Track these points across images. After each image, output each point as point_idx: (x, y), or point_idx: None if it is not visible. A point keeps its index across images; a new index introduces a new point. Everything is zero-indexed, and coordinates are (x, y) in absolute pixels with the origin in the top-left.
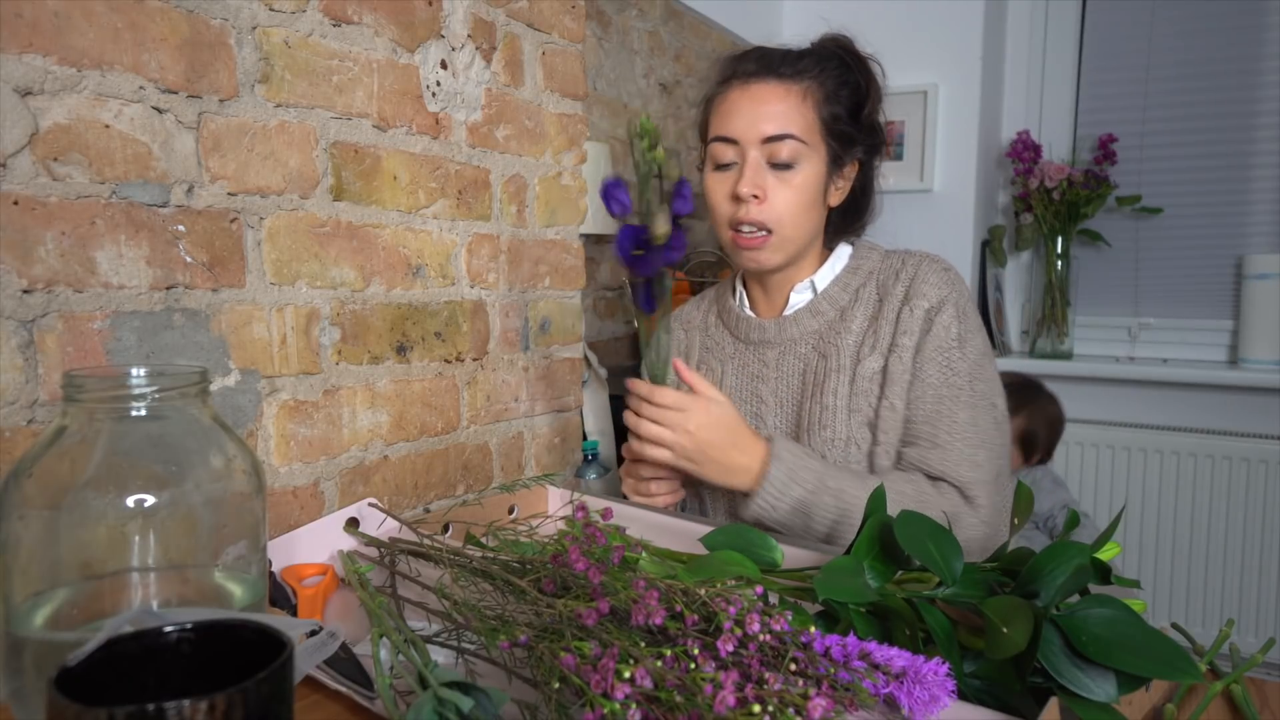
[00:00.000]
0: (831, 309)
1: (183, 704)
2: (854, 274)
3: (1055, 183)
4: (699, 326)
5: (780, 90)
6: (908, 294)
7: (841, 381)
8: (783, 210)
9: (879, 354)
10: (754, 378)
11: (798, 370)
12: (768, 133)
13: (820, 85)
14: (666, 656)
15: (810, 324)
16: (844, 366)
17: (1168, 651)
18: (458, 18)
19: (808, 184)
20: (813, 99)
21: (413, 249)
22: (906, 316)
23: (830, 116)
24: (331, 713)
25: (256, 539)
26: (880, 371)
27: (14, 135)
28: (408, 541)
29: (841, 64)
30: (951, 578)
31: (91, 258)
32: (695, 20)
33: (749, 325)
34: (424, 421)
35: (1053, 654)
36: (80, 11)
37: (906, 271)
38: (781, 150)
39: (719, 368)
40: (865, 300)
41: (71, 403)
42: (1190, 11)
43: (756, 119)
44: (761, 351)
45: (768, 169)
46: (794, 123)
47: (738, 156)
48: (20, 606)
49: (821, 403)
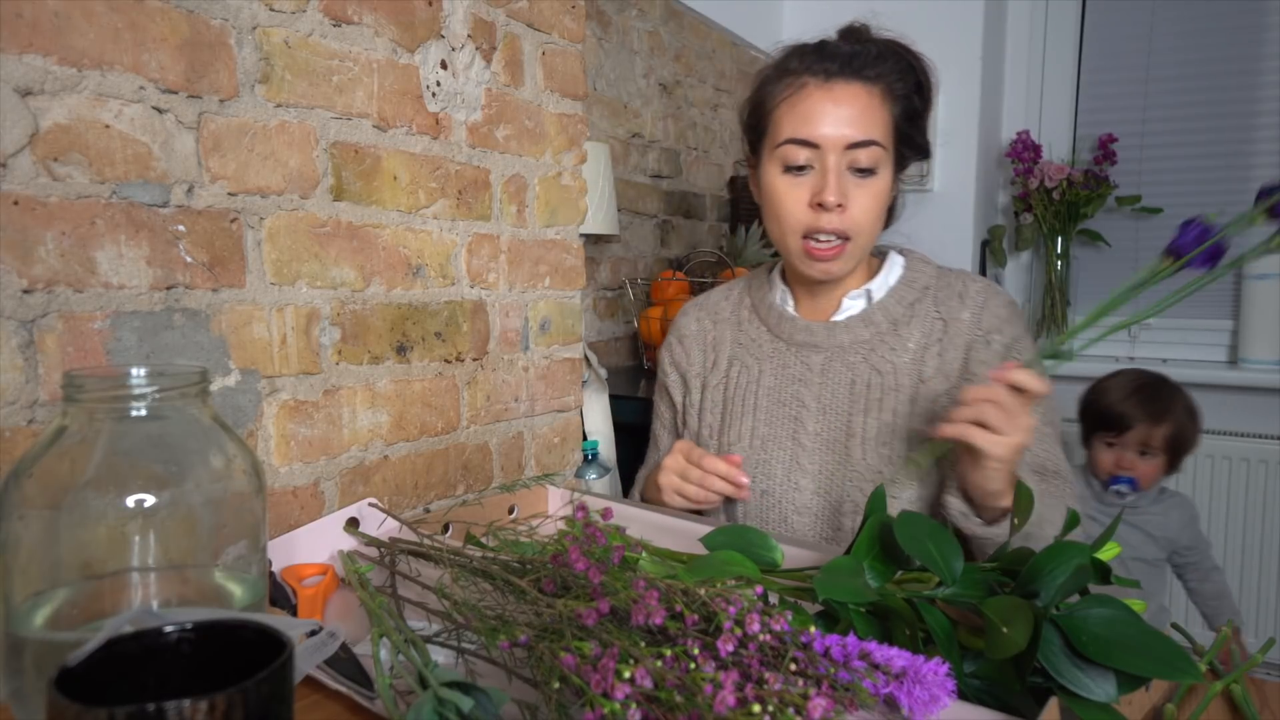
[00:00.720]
0: (885, 320)
1: (183, 704)
2: (909, 287)
3: (1055, 183)
4: (729, 320)
5: (864, 92)
6: (979, 323)
7: (901, 401)
8: (862, 218)
9: (944, 377)
10: (795, 380)
11: (845, 379)
12: (853, 138)
13: (892, 88)
14: (666, 656)
15: (862, 333)
16: (902, 386)
17: (1168, 651)
18: (458, 18)
19: (884, 190)
20: (889, 101)
21: (413, 249)
22: (982, 348)
23: (901, 119)
24: (331, 713)
25: (256, 539)
26: (946, 394)
27: (14, 135)
28: (408, 541)
29: (908, 66)
30: (951, 578)
31: (91, 258)
32: (695, 20)
33: (794, 325)
34: (424, 421)
35: (1053, 654)
36: (80, 11)
37: (972, 298)
38: (864, 156)
39: (755, 366)
40: (922, 317)
41: (71, 403)
42: (1190, 11)
43: (840, 123)
44: (805, 354)
45: (848, 174)
46: (876, 128)
47: (815, 160)
48: (20, 606)
49: (880, 420)
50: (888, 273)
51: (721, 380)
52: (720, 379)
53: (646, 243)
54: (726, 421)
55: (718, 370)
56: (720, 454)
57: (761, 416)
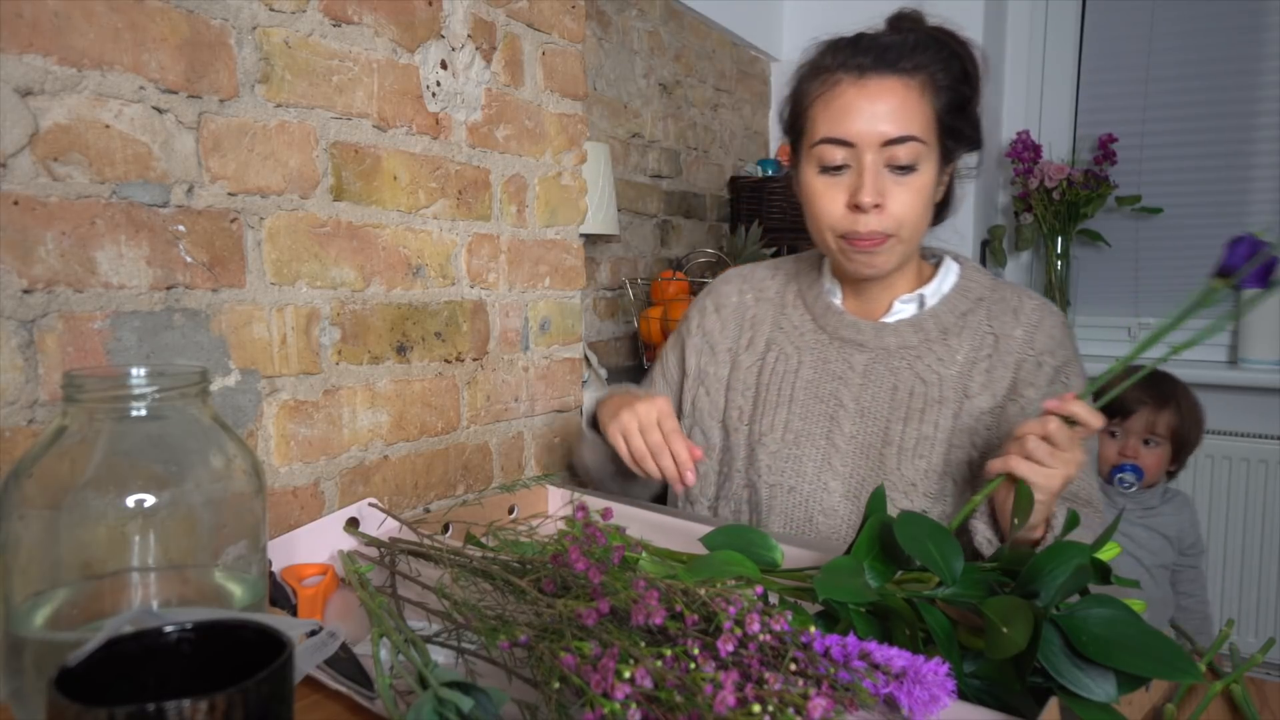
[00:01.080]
0: (935, 327)
1: (183, 704)
2: (962, 296)
3: (1055, 183)
4: (773, 300)
5: (900, 86)
6: (1032, 343)
7: (944, 414)
8: (902, 216)
9: (990, 395)
10: (835, 378)
11: (887, 384)
12: (889, 134)
13: (934, 79)
14: (666, 656)
15: (910, 338)
16: (947, 399)
17: (1168, 651)
18: (458, 18)
19: (926, 186)
20: (929, 93)
21: (413, 249)
22: (1032, 369)
23: (945, 111)
24: (331, 713)
25: (256, 539)
26: (990, 412)
27: (14, 135)
28: (408, 541)
29: (951, 54)
30: (951, 578)
31: (91, 258)
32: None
33: (840, 320)
34: (424, 421)
35: (1053, 654)
36: (80, 11)
37: (1026, 315)
38: (902, 153)
39: (795, 355)
40: (973, 329)
41: (71, 403)
42: (1190, 11)
43: (875, 119)
44: (848, 352)
45: (886, 172)
46: (915, 123)
47: (851, 159)
48: (20, 606)
49: (920, 431)
50: (942, 279)
51: (756, 362)
52: (755, 360)
53: (646, 243)
54: (759, 409)
55: (753, 350)
56: (748, 440)
57: (797, 410)
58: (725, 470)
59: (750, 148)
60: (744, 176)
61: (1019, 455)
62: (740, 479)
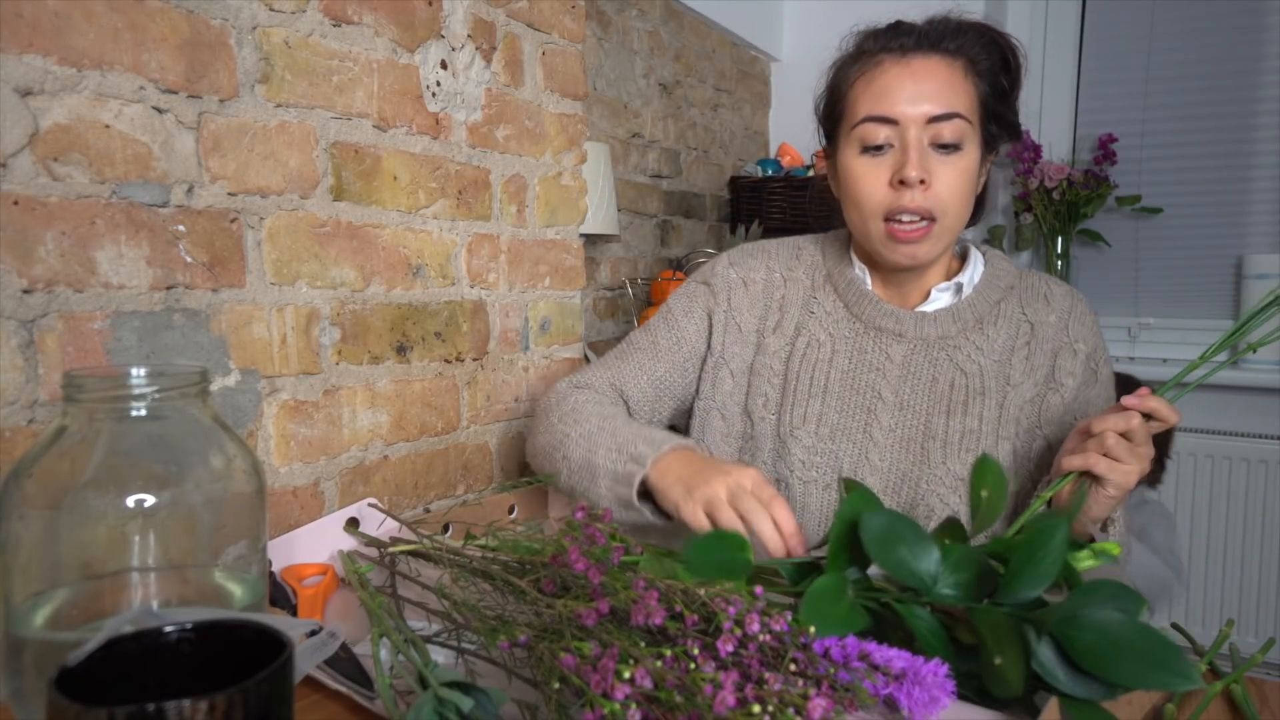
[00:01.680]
0: (972, 316)
1: (183, 704)
2: (993, 285)
3: (1055, 183)
4: (801, 281)
5: (944, 66)
6: (1067, 329)
7: (989, 405)
8: (948, 196)
9: (1033, 384)
10: (872, 369)
11: (926, 375)
12: (933, 112)
13: (975, 62)
14: (666, 657)
15: (950, 327)
16: (990, 390)
17: (1164, 655)
18: (458, 18)
19: (971, 168)
20: (974, 76)
21: (413, 249)
22: (1069, 358)
23: (989, 95)
24: (331, 713)
25: (256, 539)
26: (1032, 401)
27: (14, 135)
28: (408, 541)
29: (992, 42)
30: (928, 587)
31: (91, 258)
32: (695, 20)
33: (877, 309)
34: (424, 421)
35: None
36: (80, 11)
37: (1058, 301)
38: (946, 130)
39: (829, 344)
40: (1008, 317)
41: (71, 403)
42: (1190, 11)
43: (920, 96)
44: (885, 342)
45: (930, 151)
46: (960, 100)
47: (895, 138)
48: (20, 606)
49: (965, 424)
50: (973, 268)
51: (785, 347)
52: (784, 345)
53: (646, 243)
54: (790, 399)
55: (781, 334)
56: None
57: (832, 403)
58: (747, 459)
59: (750, 148)
60: (744, 176)
61: (1098, 452)
62: (767, 471)
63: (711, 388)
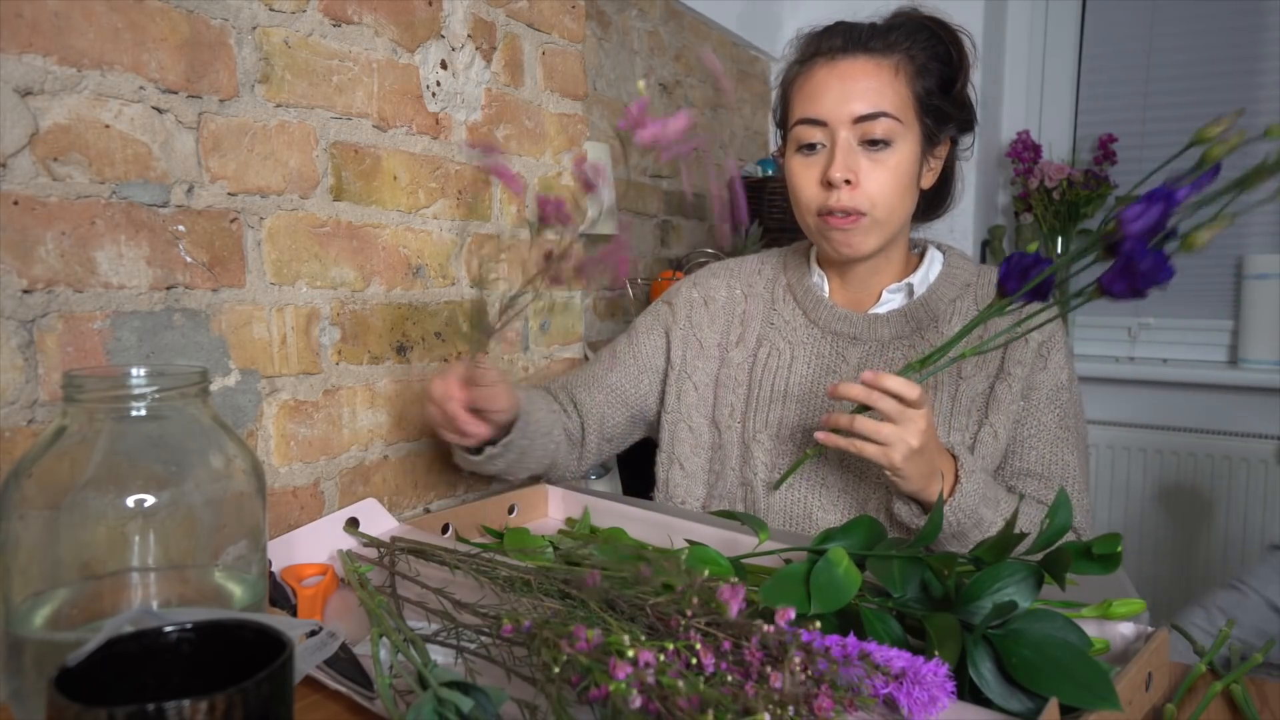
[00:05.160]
0: (926, 315)
1: (183, 704)
2: (950, 283)
3: (1055, 183)
4: (762, 295)
5: (871, 66)
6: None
7: (941, 398)
8: (876, 193)
9: (985, 376)
10: (831, 372)
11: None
12: (859, 112)
13: (911, 59)
14: (668, 650)
15: (903, 327)
16: (942, 383)
17: (1091, 677)
18: (458, 18)
19: (903, 164)
20: (905, 74)
21: (413, 249)
22: (1020, 346)
23: (924, 92)
24: (331, 713)
25: (256, 539)
26: (983, 394)
27: (14, 135)
28: (408, 541)
29: (932, 36)
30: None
31: (91, 258)
32: (695, 20)
33: (833, 314)
34: (424, 421)
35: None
36: (80, 11)
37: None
38: (875, 129)
39: (788, 351)
40: (963, 314)
41: (71, 403)
42: (1190, 11)
43: (846, 97)
44: (843, 346)
45: (860, 150)
46: (887, 99)
47: (826, 139)
48: (20, 606)
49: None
50: (928, 268)
51: (748, 358)
52: (746, 357)
53: (646, 243)
54: (752, 406)
55: (743, 347)
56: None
57: (793, 408)
58: (717, 468)
59: (750, 148)
60: (744, 177)
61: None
62: (734, 477)
63: (676, 400)
